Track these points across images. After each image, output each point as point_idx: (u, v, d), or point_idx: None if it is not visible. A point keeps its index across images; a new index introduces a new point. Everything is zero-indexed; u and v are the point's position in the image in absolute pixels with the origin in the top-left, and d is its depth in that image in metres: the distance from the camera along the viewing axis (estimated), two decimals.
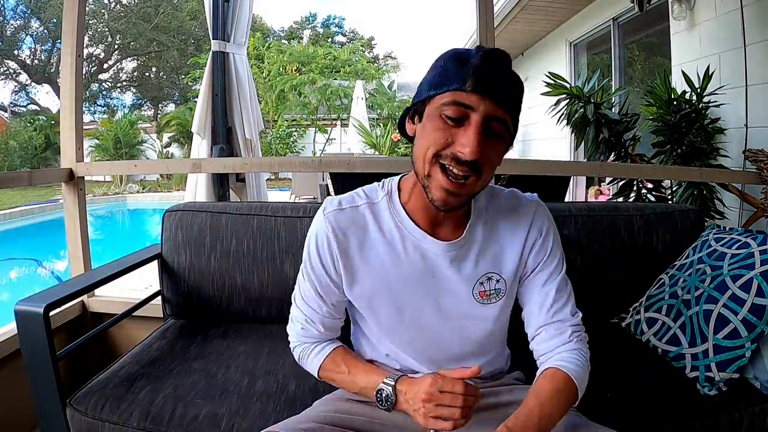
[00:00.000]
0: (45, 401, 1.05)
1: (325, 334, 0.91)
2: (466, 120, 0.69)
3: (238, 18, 2.39)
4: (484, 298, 0.83)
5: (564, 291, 0.85)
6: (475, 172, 0.70)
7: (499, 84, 0.69)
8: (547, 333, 0.83)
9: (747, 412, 1.04)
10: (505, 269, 0.84)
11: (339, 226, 0.82)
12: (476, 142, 0.67)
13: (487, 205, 0.85)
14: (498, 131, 0.70)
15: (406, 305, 0.83)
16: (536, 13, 5.06)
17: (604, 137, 2.69)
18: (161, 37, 16.72)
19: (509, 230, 0.84)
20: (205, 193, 2.38)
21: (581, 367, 0.80)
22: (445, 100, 0.69)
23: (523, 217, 0.85)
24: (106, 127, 12.78)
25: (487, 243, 0.83)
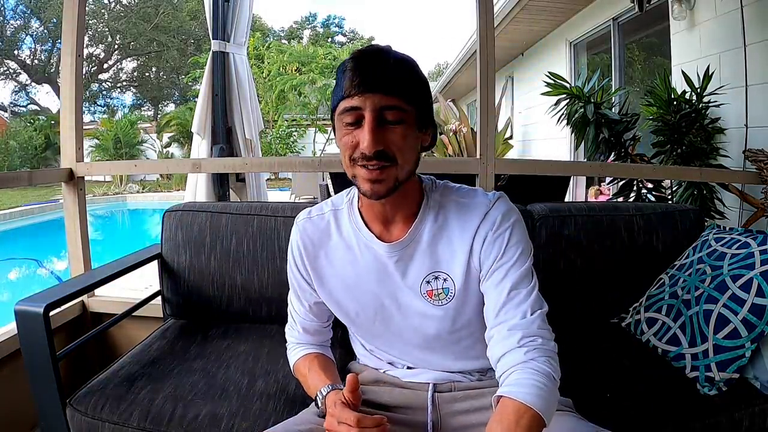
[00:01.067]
0: (45, 401, 1.05)
1: (305, 337, 0.97)
2: (362, 119, 0.73)
3: (238, 18, 2.39)
4: (432, 298, 0.83)
5: (522, 288, 0.77)
6: (386, 160, 0.73)
7: (377, 76, 0.71)
8: (497, 336, 0.76)
9: (747, 412, 1.03)
10: (453, 268, 0.81)
11: (307, 233, 0.91)
12: (371, 136, 0.71)
13: (441, 199, 0.85)
14: (395, 118, 0.73)
15: (369, 303, 0.87)
16: (536, 13, 5.06)
17: (604, 137, 2.69)
18: (161, 37, 16.73)
19: (459, 227, 0.82)
20: (205, 193, 2.38)
21: (537, 387, 0.67)
22: (339, 111, 0.75)
23: (474, 215, 0.81)
24: (106, 127, 12.80)
25: (435, 241, 0.82)
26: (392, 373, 0.93)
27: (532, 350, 0.72)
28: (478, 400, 0.86)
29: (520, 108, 7.35)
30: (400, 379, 0.92)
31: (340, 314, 0.93)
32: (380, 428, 0.72)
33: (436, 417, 0.85)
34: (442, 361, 0.90)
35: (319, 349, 0.97)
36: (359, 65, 0.72)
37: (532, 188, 2.19)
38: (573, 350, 0.91)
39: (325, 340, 1.00)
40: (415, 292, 0.84)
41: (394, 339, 0.90)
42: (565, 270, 1.37)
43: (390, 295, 0.86)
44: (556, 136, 5.05)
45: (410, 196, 0.83)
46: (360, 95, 0.71)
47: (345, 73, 0.73)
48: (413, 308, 0.85)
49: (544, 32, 5.84)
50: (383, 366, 0.95)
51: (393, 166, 0.74)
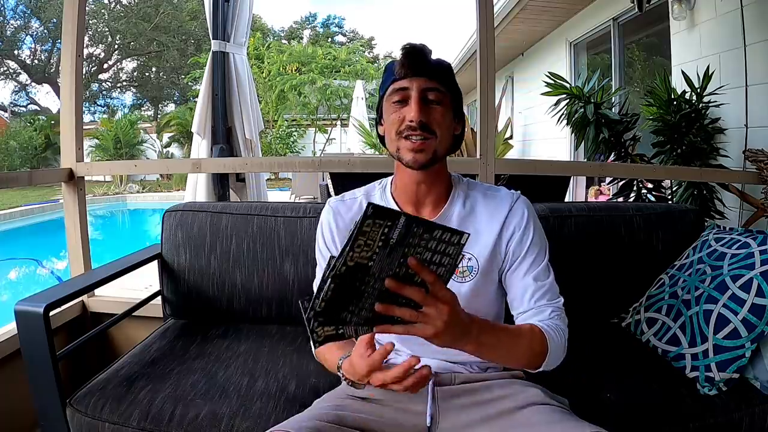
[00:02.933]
0: (45, 401, 1.06)
1: None
2: (408, 98, 0.87)
3: (238, 18, 2.39)
4: (457, 274, 0.90)
5: (545, 279, 0.90)
6: (428, 132, 0.86)
7: (422, 64, 0.87)
8: (528, 314, 0.88)
9: (747, 412, 1.03)
10: (479, 250, 0.90)
11: (339, 212, 0.99)
12: (417, 107, 0.85)
13: (468, 190, 0.96)
14: (436, 99, 0.87)
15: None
16: (536, 13, 5.06)
17: (604, 137, 2.69)
18: (161, 37, 16.74)
19: (487, 215, 0.92)
20: (205, 193, 2.38)
21: (557, 335, 0.83)
22: (389, 92, 0.89)
23: (502, 205, 0.93)
24: (106, 127, 12.80)
25: (463, 223, 0.92)
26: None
27: (557, 319, 0.87)
28: (476, 395, 0.87)
29: (520, 108, 7.35)
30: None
31: None
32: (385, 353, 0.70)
33: (435, 411, 0.86)
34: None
35: None
36: (408, 55, 0.87)
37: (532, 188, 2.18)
38: (573, 350, 0.91)
39: None
40: None
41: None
42: (565, 270, 1.37)
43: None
44: (556, 136, 5.05)
45: (441, 181, 0.94)
46: (408, 78, 0.87)
47: (395, 63, 0.89)
48: None
49: (544, 32, 5.84)
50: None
51: (433, 138, 0.86)
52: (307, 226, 1.40)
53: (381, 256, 0.58)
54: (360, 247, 0.56)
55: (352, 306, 0.60)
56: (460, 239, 0.60)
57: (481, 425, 0.83)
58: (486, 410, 0.84)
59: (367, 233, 0.56)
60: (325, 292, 0.58)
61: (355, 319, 0.62)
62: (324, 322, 0.61)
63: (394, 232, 0.57)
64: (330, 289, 0.58)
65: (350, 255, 0.56)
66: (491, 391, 0.88)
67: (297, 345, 1.29)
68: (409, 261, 0.60)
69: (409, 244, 0.59)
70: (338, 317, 0.61)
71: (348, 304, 0.60)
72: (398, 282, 0.60)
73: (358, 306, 0.61)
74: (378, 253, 0.58)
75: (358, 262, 0.57)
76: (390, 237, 0.57)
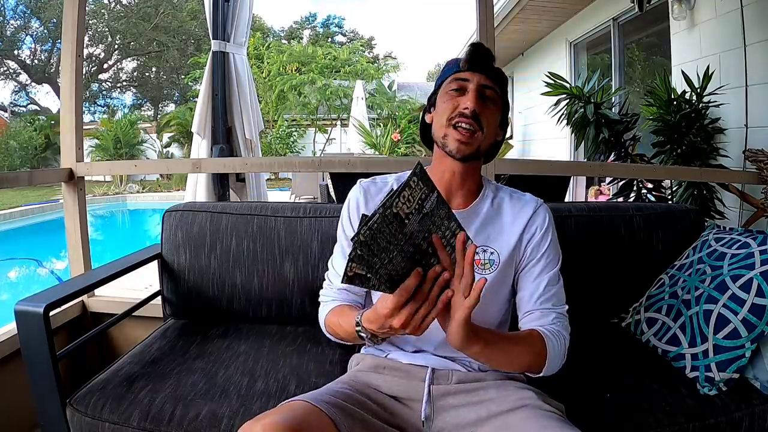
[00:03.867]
0: (45, 401, 1.05)
1: (342, 294, 0.99)
2: (466, 89, 0.90)
3: (238, 18, 2.39)
4: (479, 266, 0.93)
5: (554, 285, 0.93)
6: (478, 124, 0.89)
7: (485, 63, 0.92)
8: (533, 315, 0.91)
9: (747, 412, 1.03)
10: (501, 246, 0.94)
11: (369, 192, 1.02)
12: (474, 97, 0.88)
13: (497, 190, 1.00)
14: (491, 97, 0.91)
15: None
16: (536, 13, 5.06)
17: (604, 137, 2.69)
18: (161, 37, 16.73)
19: (512, 215, 0.96)
20: (205, 193, 2.38)
21: (557, 340, 0.86)
22: (449, 81, 0.93)
23: (526, 208, 0.97)
24: (106, 127, 12.78)
25: (489, 220, 0.96)
26: (393, 356, 0.95)
27: (561, 325, 0.90)
28: (471, 396, 0.88)
29: (520, 108, 7.35)
30: (400, 362, 0.93)
31: None
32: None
33: (430, 409, 0.87)
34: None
35: (354, 304, 0.99)
36: (474, 50, 0.92)
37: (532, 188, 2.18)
38: (573, 350, 0.91)
39: (360, 302, 1.02)
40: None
41: None
42: (565, 270, 1.37)
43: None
44: (556, 136, 5.05)
45: (474, 178, 0.98)
46: (470, 71, 0.91)
47: (459, 56, 0.94)
48: None
49: (544, 32, 5.84)
50: (386, 350, 0.97)
51: (480, 132, 0.89)
52: (307, 226, 1.40)
53: (415, 219, 0.62)
54: (404, 198, 0.60)
55: (383, 254, 0.61)
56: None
57: (474, 426, 0.83)
58: (479, 411, 0.85)
59: (411, 189, 0.61)
60: (373, 223, 0.58)
61: (382, 271, 0.62)
62: (358, 258, 0.60)
63: (428, 202, 0.62)
64: (376, 221, 0.58)
65: (396, 201, 0.59)
66: (486, 392, 0.88)
67: (297, 345, 1.29)
68: (433, 237, 0.65)
69: (434, 222, 0.64)
70: (370, 261, 0.61)
71: (381, 251, 0.61)
72: (440, 242, 0.66)
73: (389, 257, 0.62)
74: (413, 215, 0.62)
75: (398, 213, 0.60)
76: (424, 205, 0.62)
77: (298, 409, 0.74)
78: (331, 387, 0.89)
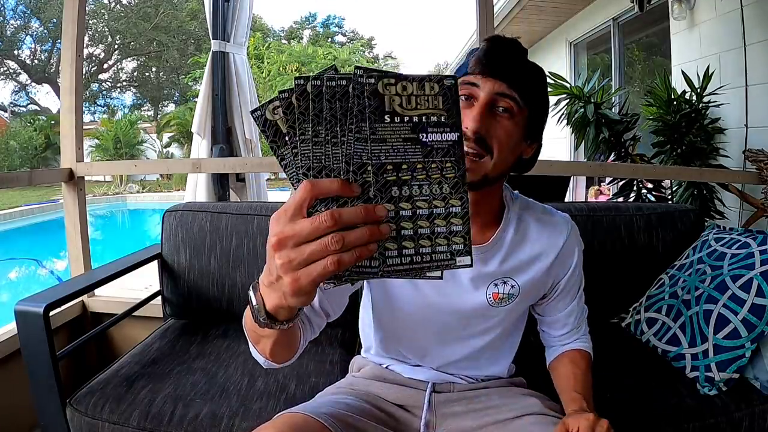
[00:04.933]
0: (45, 401, 1.05)
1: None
2: (475, 99, 0.73)
3: (238, 18, 2.39)
4: (496, 300, 0.83)
5: (583, 311, 0.95)
6: (483, 148, 0.72)
7: (504, 64, 0.72)
8: (570, 334, 0.94)
9: (747, 412, 1.03)
10: (525, 276, 0.84)
11: None
12: (478, 115, 0.71)
13: (521, 214, 0.86)
14: (507, 109, 0.73)
15: (424, 293, 0.83)
16: (536, 13, 5.06)
17: (604, 137, 2.69)
18: (161, 37, 16.73)
19: (541, 242, 0.84)
20: (205, 193, 2.37)
21: (589, 342, 0.95)
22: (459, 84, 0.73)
23: (557, 233, 0.85)
24: (106, 127, 12.79)
25: (513, 249, 0.83)
26: (393, 368, 0.93)
27: (587, 335, 0.97)
28: (474, 403, 0.86)
29: None
30: (401, 375, 0.91)
31: (382, 299, 0.87)
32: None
33: (431, 417, 0.85)
34: (460, 360, 0.89)
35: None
36: (492, 48, 0.73)
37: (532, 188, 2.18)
38: None
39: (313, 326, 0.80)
40: (480, 293, 0.83)
41: (424, 331, 0.87)
42: None
43: (450, 291, 0.83)
44: (556, 136, 5.04)
45: (492, 204, 0.83)
46: (482, 75, 0.73)
47: (475, 52, 0.75)
48: (469, 306, 0.83)
49: (544, 32, 5.84)
50: (387, 361, 0.94)
51: (487, 158, 0.73)
52: None
53: (404, 126, 0.45)
54: (407, 91, 0.44)
55: (321, 127, 0.44)
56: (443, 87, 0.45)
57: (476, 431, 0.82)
58: (482, 418, 0.83)
59: (423, 90, 0.45)
60: (340, 81, 0.43)
61: (306, 148, 0.44)
62: (286, 103, 0.44)
63: (440, 128, 0.45)
64: (344, 83, 0.43)
65: (392, 85, 0.44)
66: (489, 399, 0.87)
67: None
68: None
69: (428, 152, 0.45)
70: (301, 121, 0.44)
71: (323, 122, 0.44)
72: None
73: (328, 137, 0.44)
74: (406, 120, 0.45)
75: (385, 101, 0.44)
76: (428, 120, 0.45)
77: (300, 424, 0.71)
78: (330, 397, 0.86)
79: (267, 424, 0.71)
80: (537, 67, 0.77)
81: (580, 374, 0.87)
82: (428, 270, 0.47)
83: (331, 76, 0.43)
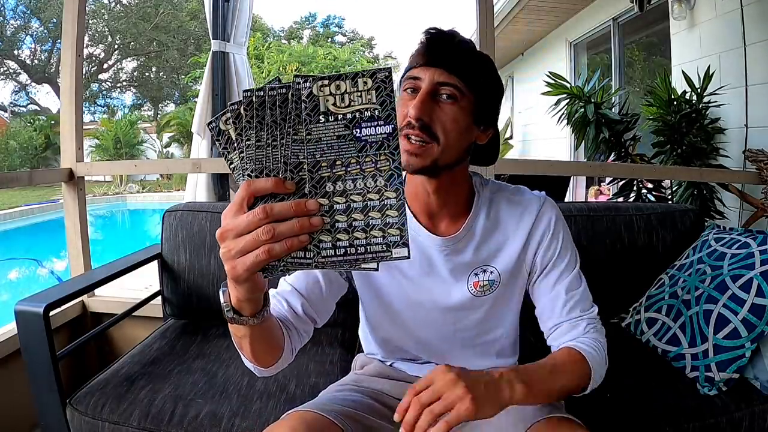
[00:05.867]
0: (45, 401, 1.05)
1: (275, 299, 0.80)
2: (419, 90, 0.74)
3: (238, 18, 2.39)
4: (477, 289, 0.84)
5: (577, 288, 0.84)
6: (428, 134, 0.72)
7: (443, 53, 0.74)
8: (561, 329, 0.83)
9: (747, 412, 1.03)
10: (502, 261, 0.84)
11: None
12: (419, 102, 0.71)
13: (492, 198, 0.86)
14: (451, 95, 0.73)
15: (408, 291, 0.85)
16: (536, 13, 5.05)
17: (604, 137, 2.69)
18: (161, 37, 16.72)
19: (512, 224, 0.84)
20: (205, 193, 2.37)
21: (596, 351, 0.78)
22: (403, 81, 0.77)
23: (527, 212, 0.84)
24: (106, 127, 12.78)
25: (486, 235, 0.84)
26: (398, 366, 0.93)
27: (594, 332, 0.82)
28: None
29: (520, 108, 7.35)
30: (406, 373, 0.92)
31: (371, 299, 0.89)
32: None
33: None
34: (460, 356, 0.89)
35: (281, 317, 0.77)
36: (429, 40, 0.75)
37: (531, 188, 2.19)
38: None
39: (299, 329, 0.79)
40: (461, 284, 0.84)
41: (419, 329, 0.88)
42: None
43: (432, 286, 0.84)
44: (556, 136, 5.04)
45: (459, 192, 0.83)
46: (422, 67, 0.74)
47: (416, 47, 0.76)
48: (454, 299, 0.84)
49: (544, 32, 5.84)
50: (390, 359, 0.95)
51: (433, 143, 0.73)
52: None
53: (337, 123, 0.48)
54: (340, 90, 0.47)
55: (265, 132, 0.48)
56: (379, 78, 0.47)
57: (480, 425, 0.82)
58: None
59: (355, 86, 0.47)
60: (278, 93, 0.47)
61: (252, 152, 0.48)
62: (236, 114, 0.48)
63: (373, 122, 0.47)
64: (283, 93, 0.47)
65: (325, 86, 0.47)
66: None
67: None
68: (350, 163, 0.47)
69: (361, 147, 0.48)
70: (246, 128, 0.48)
71: (267, 127, 0.48)
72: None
73: (269, 140, 0.48)
74: (339, 118, 0.48)
75: (320, 102, 0.47)
76: (362, 115, 0.47)
77: (311, 421, 0.71)
78: (336, 394, 0.86)
79: (279, 422, 0.71)
80: (481, 54, 0.78)
81: (549, 365, 0.74)
82: (363, 262, 0.49)
83: (272, 86, 0.47)
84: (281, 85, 0.47)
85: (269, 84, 0.47)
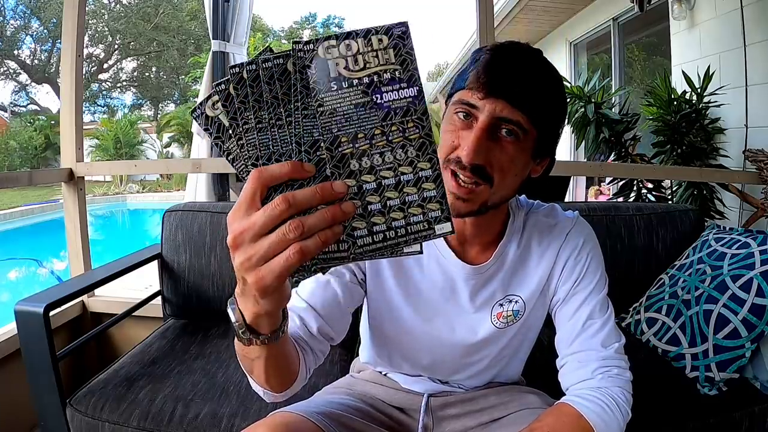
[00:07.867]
0: (45, 401, 1.05)
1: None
2: (474, 119, 0.63)
3: (238, 18, 2.39)
4: (500, 319, 0.77)
5: (597, 318, 0.73)
6: (482, 178, 0.63)
7: (509, 81, 0.62)
8: (570, 366, 0.73)
9: (747, 412, 1.03)
10: (527, 289, 0.77)
11: None
12: (475, 143, 0.61)
13: (525, 224, 0.78)
14: (512, 133, 0.63)
15: (426, 314, 0.79)
16: (536, 13, 5.06)
17: (605, 137, 2.69)
18: (161, 37, 16.74)
19: (539, 251, 0.77)
20: (205, 193, 2.37)
21: (602, 407, 0.66)
22: (455, 100, 0.66)
23: (556, 237, 0.77)
24: (106, 127, 12.79)
25: (516, 265, 0.77)
26: (393, 376, 0.92)
27: (605, 379, 0.70)
28: (472, 404, 0.85)
29: None
30: (399, 384, 0.90)
31: (381, 314, 0.81)
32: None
33: (428, 421, 0.84)
34: (460, 379, 0.87)
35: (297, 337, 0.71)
36: (494, 61, 0.63)
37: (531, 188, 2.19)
38: None
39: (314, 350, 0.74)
40: (483, 315, 0.78)
41: (425, 355, 0.83)
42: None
43: (451, 314, 0.79)
44: None
45: (494, 223, 0.76)
46: (482, 94, 0.62)
47: (476, 63, 0.64)
48: (473, 332, 0.78)
49: (544, 32, 5.84)
50: (385, 370, 0.92)
51: (486, 187, 0.64)
52: None
53: (353, 92, 0.41)
54: (352, 50, 0.40)
55: (265, 112, 0.41)
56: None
57: (476, 429, 0.82)
58: (480, 417, 0.82)
59: (370, 46, 0.40)
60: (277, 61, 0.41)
61: (252, 137, 0.42)
62: (224, 95, 0.42)
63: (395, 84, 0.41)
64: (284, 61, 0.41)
65: (333, 46, 0.40)
66: (487, 399, 0.85)
67: None
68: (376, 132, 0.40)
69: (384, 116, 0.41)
70: (241, 109, 0.42)
71: (266, 105, 0.41)
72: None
73: (273, 120, 0.41)
74: (355, 85, 0.41)
75: (331, 65, 0.41)
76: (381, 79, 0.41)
77: (292, 424, 0.67)
78: (327, 397, 0.85)
79: (259, 423, 0.68)
80: (550, 73, 0.66)
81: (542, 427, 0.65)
82: (405, 245, 0.42)
83: (266, 57, 0.40)
84: (277, 54, 0.40)
85: (261, 56, 0.40)
